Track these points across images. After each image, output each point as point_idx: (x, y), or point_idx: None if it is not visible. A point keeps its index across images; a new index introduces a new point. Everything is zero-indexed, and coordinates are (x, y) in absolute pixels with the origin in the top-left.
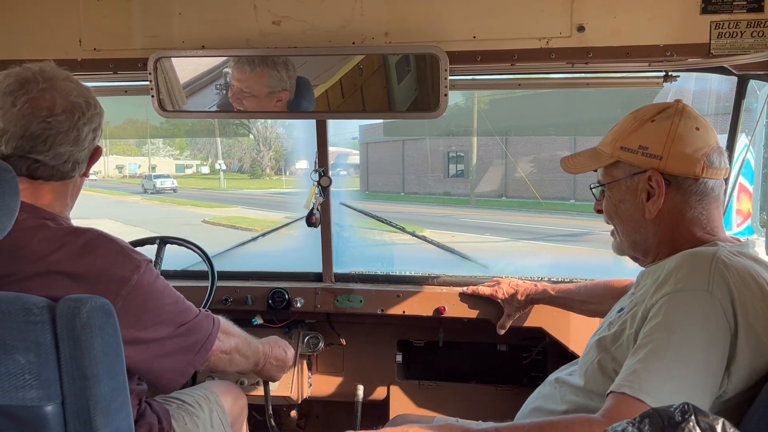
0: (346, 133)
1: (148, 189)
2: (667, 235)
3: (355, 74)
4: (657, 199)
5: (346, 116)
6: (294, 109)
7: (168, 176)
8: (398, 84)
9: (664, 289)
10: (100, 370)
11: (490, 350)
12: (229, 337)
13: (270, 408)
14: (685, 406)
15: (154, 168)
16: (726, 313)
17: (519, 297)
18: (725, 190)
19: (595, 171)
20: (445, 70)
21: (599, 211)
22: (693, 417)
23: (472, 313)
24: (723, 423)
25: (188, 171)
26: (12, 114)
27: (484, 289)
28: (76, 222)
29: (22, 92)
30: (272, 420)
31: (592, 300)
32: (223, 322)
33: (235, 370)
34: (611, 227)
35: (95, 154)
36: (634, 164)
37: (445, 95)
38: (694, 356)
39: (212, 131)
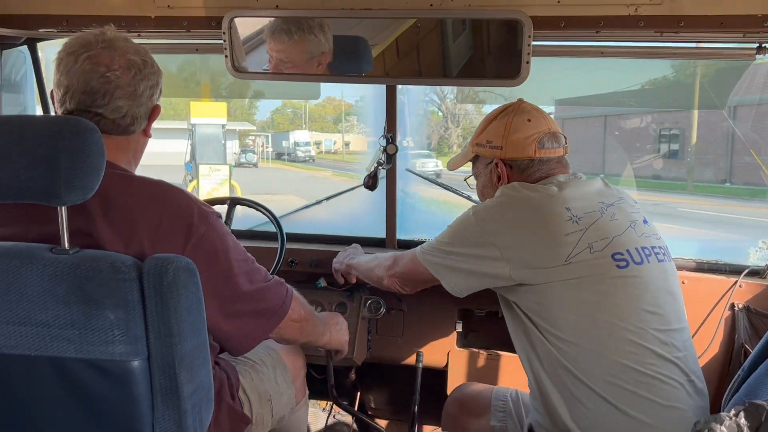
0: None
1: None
2: None
3: (431, 38)
4: (504, 180)
5: (419, 82)
6: (354, 73)
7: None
8: (476, 49)
9: None
10: (185, 327)
11: None
12: (300, 306)
13: (332, 378)
14: None
15: (347, 145)
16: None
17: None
18: None
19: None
20: (529, 36)
21: (478, 196)
22: None
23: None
24: None
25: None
26: (74, 71)
27: None
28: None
29: (83, 51)
30: (334, 390)
31: None
32: (295, 291)
33: (304, 340)
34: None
35: (154, 112)
36: (485, 156)
37: (527, 62)
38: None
39: (401, 109)
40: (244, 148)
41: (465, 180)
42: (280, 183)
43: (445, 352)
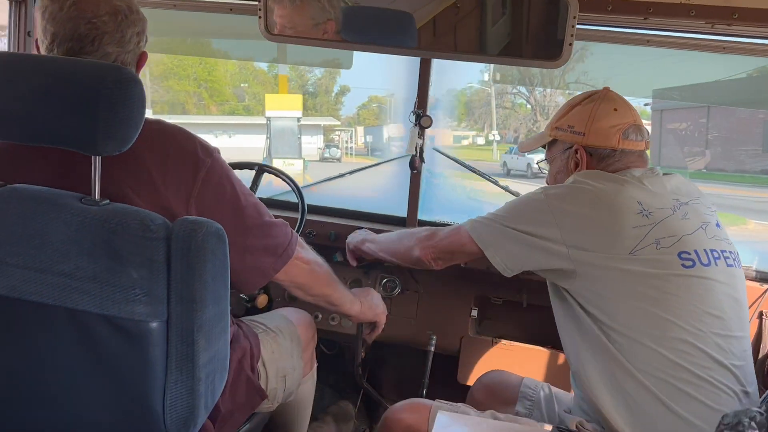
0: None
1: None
2: None
3: (471, 14)
4: (582, 167)
5: (456, 57)
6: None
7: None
8: (516, 27)
9: None
10: (207, 294)
11: None
12: (306, 251)
13: (360, 357)
14: None
15: (431, 139)
16: None
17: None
18: None
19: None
20: (574, 18)
21: (548, 182)
22: None
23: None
24: None
25: (464, 142)
26: (60, 17)
27: None
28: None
29: None
30: (360, 369)
31: None
32: (300, 239)
33: (319, 290)
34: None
35: (141, 58)
36: (564, 141)
37: (570, 44)
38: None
39: (488, 102)
40: (328, 143)
41: (537, 164)
42: (356, 178)
43: (458, 338)
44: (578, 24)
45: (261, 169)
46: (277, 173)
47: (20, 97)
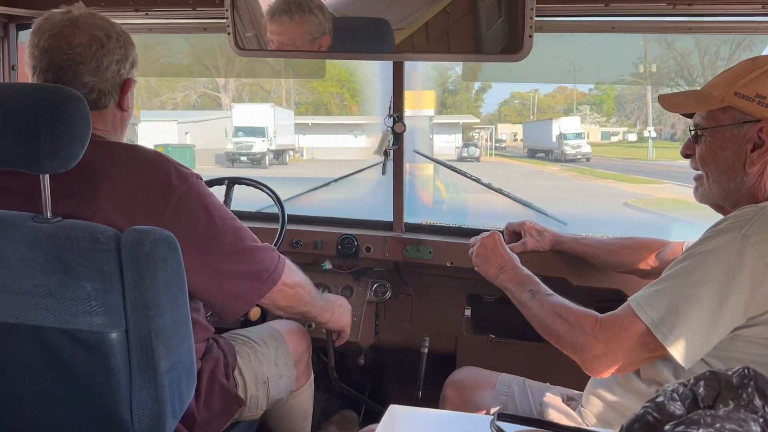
0: None
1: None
2: (762, 190)
3: (435, 13)
4: (764, 151)
5: (424, 58)
6: (365, 50)
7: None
8: (478, 24)
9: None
10: (162, 301)
11: None
12: (293, 272)
13: (333, 360)
14: (745, 371)
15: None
16: (762, 255)
17: (545, 234)
18: None
19: (690, 115)
20: (531, 9)
21: (687, 156)
22: (753, 382)
23: (548, 271)
24: None
25: (614, 138)
26: (39, 49)
27: (511, 225)
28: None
29: (46, 30)
30: (335, 372)
31: (621, 250)
32: (287, 260)
33: (301, 308)
34: (699, 173)
35: (126, 85)
36: (747, 112)
37: (530, 36)
38: (704, 295)
39: (641, 96)
40: (467, 142)
41: (690, 130)
42: (500, 181)
43: (453, 338)
44: (540, 16)
45: (232, 181)
46: (252, 183)
47: None
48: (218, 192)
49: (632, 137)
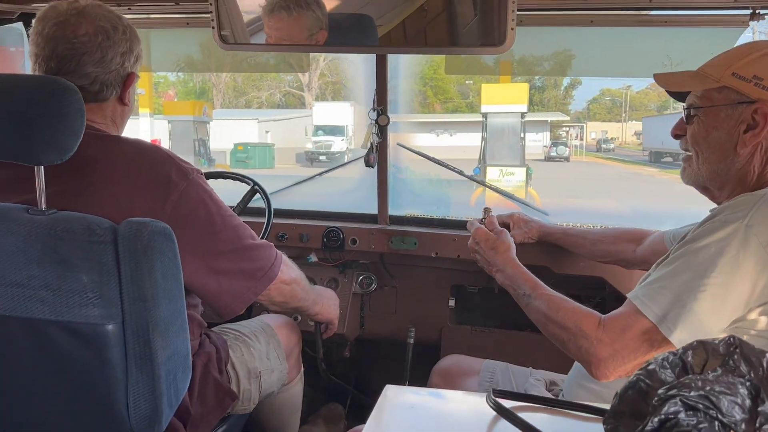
0: None
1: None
2: (751, 173)
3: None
4: (758, 132)
5: (408, 51)
6: (348, 44)
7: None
8: (461, 17)
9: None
10: (159, 292)
11: None
12: (290, 269)
13: (321, 352)
14: (731, 339)
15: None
16: (764, 244)
17: (533, 225)
18: None
19: (682, 98)
20: (513, 2)
21: (677, 136)
22: (738, 350)
23: (530, 260)
24: None
25: None
26: (43, 37)
27: (500, 217)
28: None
29: (52, 18)
30: (323, 363)
31: (606, 239)
32: (284, 255)
33: (296, 303)
34: (688, 153)
35: (128, 79)
36: (743, 92)
37: (513, 29)
38: (709, 288)
39: None
40: (555, 140)
41: (684, 109)
42: (593, 185)
43: (438, 329)
44: (521, 9)
45: (208, 175)
46: (237, 177)
47: None
48: (217, 188)
49: None
